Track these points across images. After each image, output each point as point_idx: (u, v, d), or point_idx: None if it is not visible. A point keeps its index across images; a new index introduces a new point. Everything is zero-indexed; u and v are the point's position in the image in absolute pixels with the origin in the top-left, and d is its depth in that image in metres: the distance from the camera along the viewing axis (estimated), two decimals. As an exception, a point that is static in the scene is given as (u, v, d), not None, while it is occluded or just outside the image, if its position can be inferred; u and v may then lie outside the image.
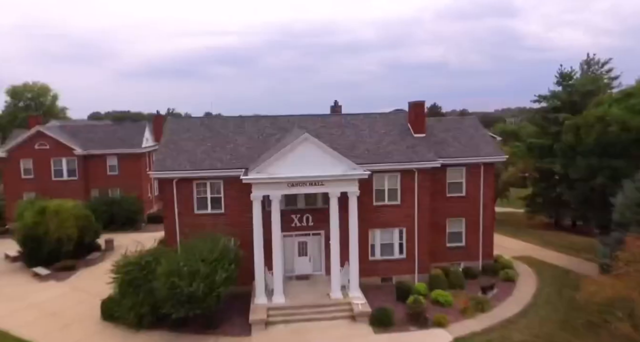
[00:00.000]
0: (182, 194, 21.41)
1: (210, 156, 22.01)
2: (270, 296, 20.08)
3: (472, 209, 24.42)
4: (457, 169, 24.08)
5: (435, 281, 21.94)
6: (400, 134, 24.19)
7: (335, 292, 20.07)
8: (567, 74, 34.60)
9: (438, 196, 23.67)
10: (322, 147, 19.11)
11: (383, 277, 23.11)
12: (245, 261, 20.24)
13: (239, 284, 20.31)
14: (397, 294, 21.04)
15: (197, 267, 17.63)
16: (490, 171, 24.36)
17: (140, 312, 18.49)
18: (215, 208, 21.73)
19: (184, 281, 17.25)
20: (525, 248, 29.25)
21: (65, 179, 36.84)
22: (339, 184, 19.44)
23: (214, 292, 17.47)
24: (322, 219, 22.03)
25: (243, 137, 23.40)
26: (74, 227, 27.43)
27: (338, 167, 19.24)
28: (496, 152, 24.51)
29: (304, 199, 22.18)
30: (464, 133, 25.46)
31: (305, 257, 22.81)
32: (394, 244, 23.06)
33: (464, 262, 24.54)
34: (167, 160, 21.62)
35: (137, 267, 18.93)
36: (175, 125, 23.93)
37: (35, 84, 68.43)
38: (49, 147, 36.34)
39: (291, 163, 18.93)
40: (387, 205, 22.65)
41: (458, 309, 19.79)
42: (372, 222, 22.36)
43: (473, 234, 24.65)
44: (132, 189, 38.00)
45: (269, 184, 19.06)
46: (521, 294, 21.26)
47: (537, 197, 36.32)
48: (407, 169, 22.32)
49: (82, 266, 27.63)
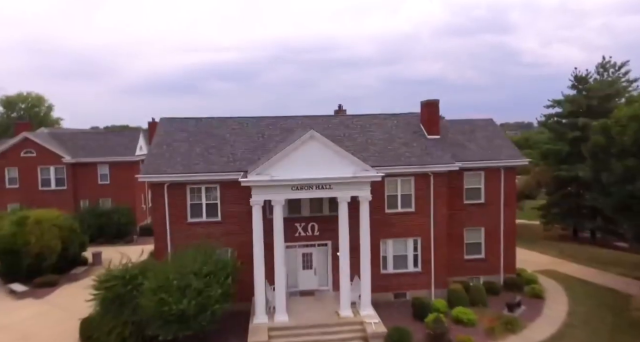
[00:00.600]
0: (174, 200, 19.34)
1: (206, 159, 20.02)
2: (271, 314, 17.84)
3: (492, 218, 22.34)
4: (475, 174, 22.10)
5: (454, 297, 19.72)
6: (412, 135, 22.29)
7: (345, 310, 17.84)
8: (582, 77, 33.05)
9: (454, 204, 21.64)
10: (330, 146, 17.16)
11: (396, 292, 20.88)
12: (243, 275, 18.10)
13: (237, 300, 18.11)
14: (414, 312, 18.81)
15: (189, 281, 15.47)
16: (511, 175, 22.38)
17: (123, 333, 16.20)
18: (210, 216, 19.63)
19: (173, 297, 15.06)
20: (546, 261, 27.09)
21: (53, 189, 34.71)
22: (349, 188, 17.42)
23: (207, 310, 15.27)
24: (329, 228, 19.96)
25: (242, 138, 21.45)
26: (57, 238, 25.22)
27: (348, 169, 17.25)
28: (517, 155, 22.57)
29: (309, 206, 20.11)
30: (481, 135, 23.59)
31: (310, 271, 20.60)
32: (408, 256, 20.89)
33: (484, 276, 22.34)
34: (157, 163, 19.61)
35: (121, 282, 16.73)
36: (169, 126, 21.99)
37: (29, 94, 66.85)
38: (36, 155, 34.31)
39: (295, 164, 16.95)
40: (400, 212, 20.59)
41: (483, 330, 17.56)
42: (384, 231, 20.27)
43: (493, 245, 22.51)
44: (125, 200, 35.86)
45: (270, 188, 17.03)
46: (553, 313, 19.02)
47: (554, 207, 34.29)
48: (421, 172, 20.33)
49: (66, 282, 25.31)
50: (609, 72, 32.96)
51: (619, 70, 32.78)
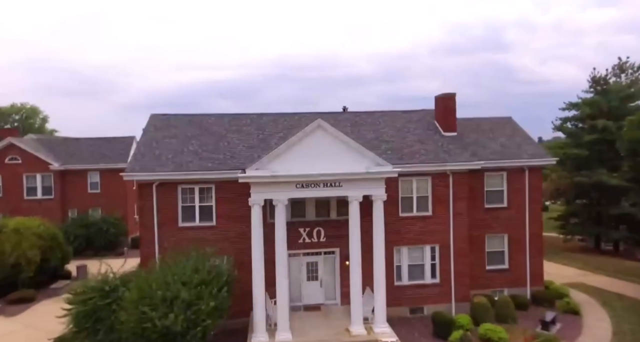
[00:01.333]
0: (164, 202, 17.24)
1: (200, 156, 18.01)
2: (272, 331, 15.53)
3: (516, 224, 20.20)
4: (497, 175, 20.08)
5: (479, 312, 17.41)
6: (427, 132, 20.35)
7: (357, 326, 15.54)
8: (599, 78, 31.41)
9: (474, 208, 19.55)
10: (340, 137, 15.19)
11: (412, 307, 18.57)
12: (241, 287, 15.89)
13: (233, 315, 15.88)
14: (435, 329, 16.51)
15: (176, 292, 13.25)
16: (537, 176, 20.35)
17: (99, 355, 13.90)
18: (204, 219, 17.50)
19: (157, 311, 12.82)
20: (571, 274, 24.79)
21: (40, 198, 32.56)
22: (361, 185, 15.36)
23: (198, 327, 12.99)
24: (337, 234, 17.84)
25: (240, 135, 19.48)
26: (36, 248, 22.98)
27: (360, 163, 15.24)
28: (543, 154, 20.61)
29: (315, 209, 18.00)
30: (501, 134, 21.66)
31: (315, 282, 18.34)
32: (425, 266, 18.67)
33: (508, 289, 20.06)
34: (145, 160, 17.59)
35: (99, 294, 14.51)
36: (159, 122, 20.04)
37: (23, 105, 65.24)
38: (22, 162, 32.27)
39: (300, 157, 14.95)
40: (416, 216, 18.47)
41: (516, 349, 15.25)
42: (398, 238, 18.12)
43: (518, 254, 20.31)
44: (116, 210, 33.67)
45: (271, 185, 14.98)
46: (595, 331, 16.66)
47: (573, 216, 32.11)
48: (439, 171, 18.30)
49: (44, 298, 22.91)
50: (627, 73, 31.39)
51: (638, 71, 31.18)
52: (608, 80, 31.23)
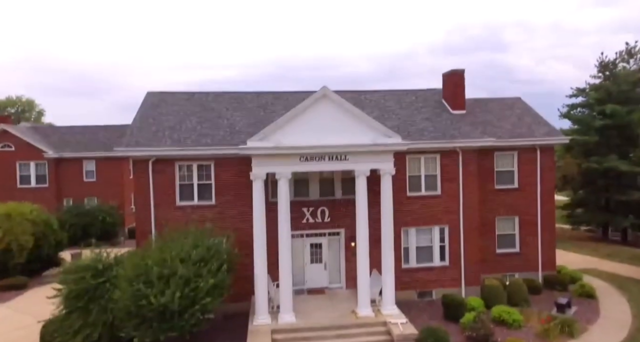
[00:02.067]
0: (161, 180, 16.41)
1: (199, 133, 17.20)
2: (275, 314, 14.74)
3: (527, 205, 19.44)
4: (507, 154, 19.31)
5: (491, 295, 16.64)
6: (435, 110, 19.59)
7: (364, 309, 14.76)
8: (608, 63, 30.71)
9: (484, 189, 18.79)
10: (346, 107, 14.38)
11: (420, 290, 17.80)
12: (241, 269, 15.10)
13: (233, 300, 15.13)
14: (445, 312, 15.73)
15: (174, 269, 12.44)
16: (549, 156, 19.57)
17: (91, 336, 13.06)
18: (203, 198, 16.68)
19: (153, 288, 12.01)
20: (583, 261, 24.02)
21: (33, 187, 31.71)
22: (368, 159, 14.57)
23: (196, 305, 12.19)
24: (342, 214, 17.10)
25: (241, 113, 18.68)
26: (29, 234, 22.14)
27: (367, 135, 14.45)
28: (555, 132, 19.87)
29: (319, 187, 17.21)
30: (511, 113, 20.90)
31: (319, 265, 17.55)
32: (434, 248, 17.89)
33: (518, 273, 19.29)
34: (141, 136, 16.77)
35: (92, 273, 13.67)
36: (155, 100, 19.23)
37: (19, 98, 64.32)
38: (15, 149, 31.43)
39: (305, 128, 14.15)
40: (424, 196, 17.70)
41: (532, 332, 14.48)
42: (405, 218, 17.35)
43: (529, 237, 19.54)
44: (112, 199, 32.84)
45: (274, 158, 14.18)
46: (614, 314, 15.88)
47: (581, 204, 31.33)
48: (448, 149, 17.54)
49: (36, 285, 22.08)
50: (636, 58, 30.66)
51: (646, 56, 30.48)
52: (617, 65, 30.54)
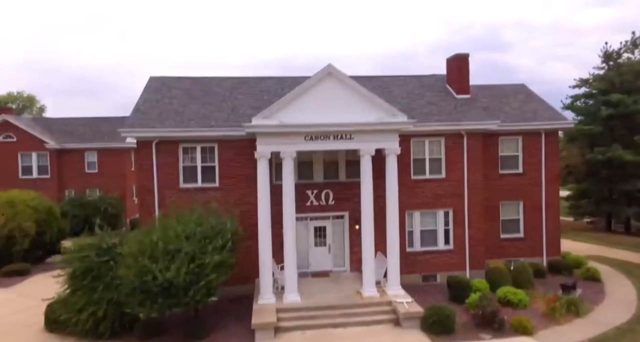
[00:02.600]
0: (165, 162, 16.36)
1: (202, 115, 17.14)
2: (279, 295, 14.69)
3: (532, 190, 19.37)
4: (512, 139, 19.24)
5: (496, 277, 16.56)
6: (439, 94, 19.53)
7: (369, 289, 14.70)
8: (612, 53, 30.62)
9: (488, 174, 18.71)
10: (352, 85, 14.34)
11: (424, 274, 17.75)
12: (245, 252, 15.02)
13: (237, 283, 15.11)
14: (451, 293, 15.67)
15: (179, 245, 12.39)
16: (554, 140, 19.50)
17: (96, 314, 13.00)
18: (207, 180, 16.63)
19: (158, 264, 11.96)
20: (587, 249, 23.96)
21: (35, 177, 31.55)
22: (373, 138, 14.51)
23: (201, 281, 12.12)
24: (347, 197, 17.05)
25: (245, 96, 18.63)
26: (32, 221, 22.12)
27: (372, 113, 14.39)
28: (560, 117, 19.81)
29: (323, 170, 17.16)
30: (515, 99, 20.84)
31: (323, 248, 17.49)
32: (438, 231, 17.83)
33: (523, 258, 19.18)
34: (145, 118, 16.72)
35: (96, 251, 13.63)
36: (159, 85, 19.17)
37: (20, 94, 64.21)
38: (17, 140, 31.32)
39: (310, 106, 14.10)
40: (429, 179, 17.64)
41: (538, 312, 14.42)
42: (410, 201, 17.29)
43: (534, 222, 19.46)
44: (114, 191, 32.70)
45: (279, 136, 14.11)
46: (619, 296, 15.83)
47: (585, 195, 31.22)
48: (453, 131, 17.48)
49: (40, 271, 22.00)
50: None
51: (650, 46, 30.37)
52: (621, 55, 30.46)
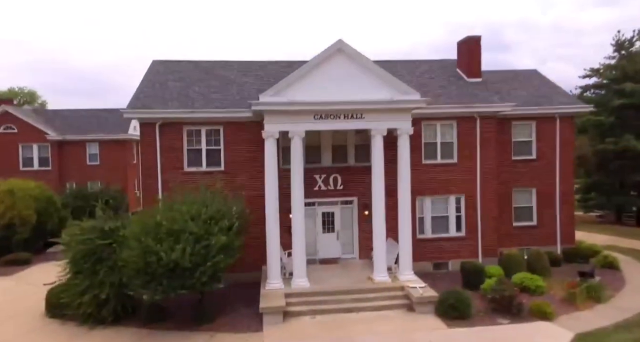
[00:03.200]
0: (168, 145, 15.88)
1: (207, 97, 16.66)
2: (287, 280, 14.19)
3: (546, 177, 18.83)
4: (525, 124, 18.70)
5: (511, 264, 16.03)
6: (450, 78, 19.01)
7: (381, 274, 14.19)
8: (624, 42, 30.06)
9: (500, 160, 18.14)
10: (363, 62, 13.82)
11: (435, 261, 17.23)
12: (252, 238, 14.46)
13: (244, 270, 14.64)
14: (465, 279, 15.14)
15: (184, 225, 11.89)
16: (569, 126, 18.93)
17: (98, 297, 12.51)
18: (212, 164, 16.15)
19: (163, 245, 11.46)
20: (603, 239, 23.32)
21: (36, 169, 31.10)
22: (385, 117, 14.00)
23: (208, 262, 11.62)
24: (356, 181, 16.56)
25: (251, 79, 18.13)
26: (32, 209, 21.66)
27: (384, 92, 13.88)
28: (575, 101, 19.28)
29: (331, 154, 16.66)
30: (528, 84, 20.31)
31: (331, 235, 16.97)
32: (450, 218, 17.31)
33: (536, 247, 18.59)
34: (148, 99, 16.24)
35: (99, 234, 13.15)
36: (162, 68, 18.69)
37: (21, 89, 63.89)
38: (17, 131, 30.90)
39: (319, 84, 13.60)
40: (440, 164, 17.14)
41: (556, 298, 13.90)
42: (421, 186, 16.75)
43: (547, 209, 18.92)
44: (116, 183, 32.22)
45: (287, 115, 13.61)
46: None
47: (595, 187, 30.63)
48: (465, 114, 16.96)
49: (41, 261, 21.52)
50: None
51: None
52: (634, 43, 29.87)
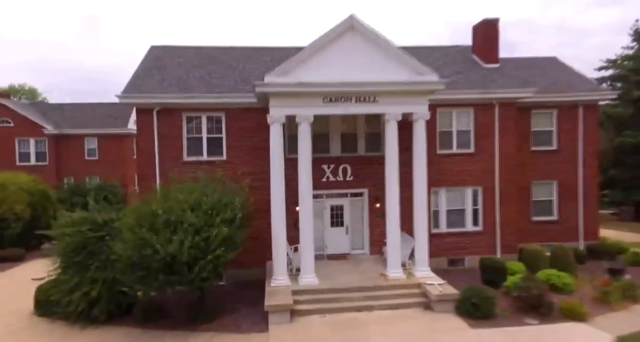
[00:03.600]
0: (167, 132, 14.88)
1: (207, 82, 15.65)
2: (294, 276, 13.14)
3: (567, 169, 17.75)
4: (545, 113, 17.62)
5: (533, 260, 14.94)
6: (466, 64, 17.97)
7: (395, 270, 13.13)
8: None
9: (519, 150, 17.04)
10: (377, 41, 12.72)
11: (451, 258, 16.16)
12: (255, 231, 13.42)
13: (247, 266, 13.62)
14: (484, 276, 14.04)
15: (182, 216, 10.87)
16: (593, 114, 17.81)
17: (89, 294, 11.50)
18: (213, 154, 15.13)
19: (159, 236, 10.43)
20: (624, 237, 22.13)
21: (33, 164, 30.15)
22: (400, 100, 12.92)
23: (208, 256, 10.59)
24: (366, 172, 15.51)
25: (254, 65, 17.13)
26: (25, 203, 20.70)
27: (399, 73, 12.81)
28: (600, 88, 18.15)
29: (340, 143, 15.62)
30: (548, 71, 19.22)
31: (340, 229, 15.93)
32: (466, 211, 16.25)
33: (557, 243, 17.45)
34: (145, 84, 15.24)
35: (91, 226, 12.14)
36: (160, 53, 17.70)
37: (22, 86, 63.13)
38: (14, 125, 29.96)
39: (329, 64, 12.52)
40: (456, 154, 16.08)
41: (587, 297, 12.77)
42: (435, 178, 15.70)
43: (569, 204, 17.83)
44: (115, 179, 31.28)
45: (295, 98, 12.56)
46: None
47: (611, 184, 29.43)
48: (483, 101, 15.89)
49: (35, 258, 20.56)
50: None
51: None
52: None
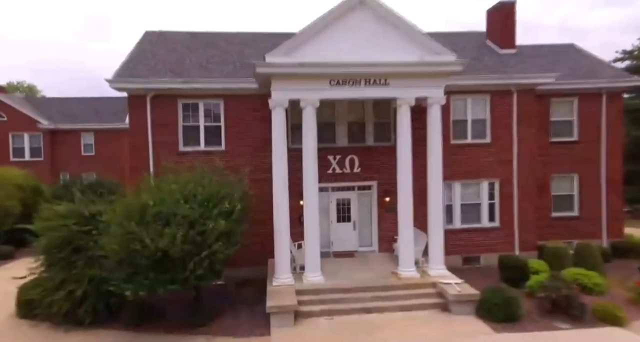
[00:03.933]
0: (161, 120, 13.86)
1: (205, 68, 14.64)
2: (298, 275, 12.11)
3: (589, 162, 16.63)
4: (565, 101, 16.53)
5: (555, 258, 13.85)
6: (480, 50, 16.91)
7: (408, 268, 12.07)
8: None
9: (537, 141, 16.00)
10: (388, 16, 11.65)
11: (465, 256, 15.09)
12: (256, 228, 12.35)
13: (247, 264, 12.60)
14: (503, 275, 12.98)
15: (174, 208, 9.85)
16: (616, 102, 16.67)
17: (74, 293, 10.50)
18: (211, 143, 14.11)
19: (149, 230, 9.41)
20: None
21: (27, 160, 29.18)
22: (413, 83, 11.86)
23: (204, 252, 9.55)
24: (375, 164, 14.48)
25: (254, 50, 16.08)
26: (15, 199, 19.74)
27: (413, 51, 11.74)
28: (624, 74, 17.05)
29: (347, 133, 14.57)
30: (566, 57, 18.12)
31: (347, 224, 14.88)
32: (482, 206, 15.17)
33: (578, 240, 16.42)
34: (138, 69, 14.23)
35: (77, 220, 11.13)
36: (155, 37, 16.69)
37: (20, 84, 62.29)
38: (7, 119, 29.03)
39: (336, 43, 11.48)
40: (471, 144, 15.02)
41: (620, 299, 11.70)
42: (448, 170, 14.55)
43: (591, 198, 16.71)
44: (112, 175, 30.30)
45: (299, 80, 11.52)
46: None
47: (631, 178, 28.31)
48: (500, 87, 14.82)
49: (26, 255, 19.46)
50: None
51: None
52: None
